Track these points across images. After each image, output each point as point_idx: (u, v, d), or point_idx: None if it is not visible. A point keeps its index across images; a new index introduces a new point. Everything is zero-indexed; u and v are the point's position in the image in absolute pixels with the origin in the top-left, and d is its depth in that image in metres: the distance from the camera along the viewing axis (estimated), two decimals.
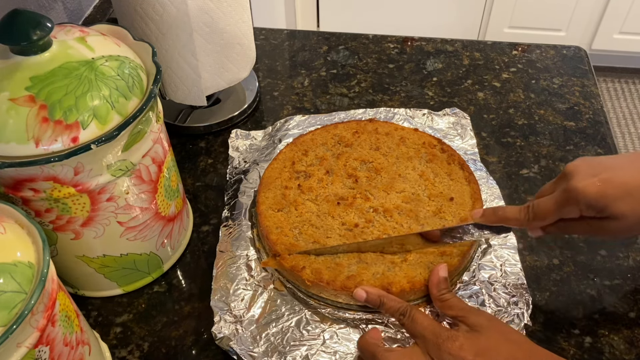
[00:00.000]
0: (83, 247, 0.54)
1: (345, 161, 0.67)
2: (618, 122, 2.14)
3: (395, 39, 0.93)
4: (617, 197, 0.45)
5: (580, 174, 0.47)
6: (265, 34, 0.94)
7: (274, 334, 0.54)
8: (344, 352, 0.53)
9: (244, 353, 0.53)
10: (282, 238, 0.59)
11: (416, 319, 0.49)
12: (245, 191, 0.67)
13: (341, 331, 0.54)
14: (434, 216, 0.61)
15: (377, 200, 0.62)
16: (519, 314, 0.55)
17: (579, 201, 0.47)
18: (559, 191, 0.49)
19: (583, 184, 0.46)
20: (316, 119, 0.76)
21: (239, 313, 0.55)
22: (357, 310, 0.56)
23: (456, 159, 0.67)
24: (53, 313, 0.40)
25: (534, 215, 0.51)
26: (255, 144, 0.74)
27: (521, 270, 0.58)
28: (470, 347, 0.46)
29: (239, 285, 0.58)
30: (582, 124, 0.77)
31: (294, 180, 0.65)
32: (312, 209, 0.62)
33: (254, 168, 0.70)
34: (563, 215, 0.49)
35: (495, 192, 0.66)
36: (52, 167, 0.45)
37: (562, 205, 0.48)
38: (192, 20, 0.66)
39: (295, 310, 0.56)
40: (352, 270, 0.56)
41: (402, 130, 0.70)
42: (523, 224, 0.53)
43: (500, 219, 0.54)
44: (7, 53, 0.46)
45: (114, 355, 0.56)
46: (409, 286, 0.55)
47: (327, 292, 0.56)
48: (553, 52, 0.89)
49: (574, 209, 0.48)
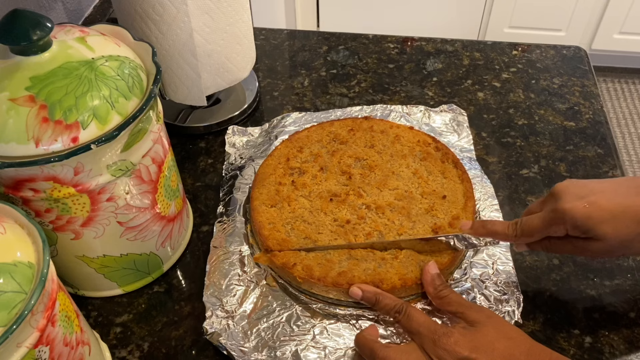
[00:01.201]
0: (83, 247, 0.54)
1: (339, 158, 0.67)
2: (618, 122, 2.14)
3: (395, 39, 0.93)
4: (602, 219, 0.47)
5: (568, 196, 0.49)
6: (265, 34, 0.94)
7: (265, 329, 0.54)
8: (333, 347, 0.53)
9: (235, 348, 0.53)
10: (274, 233, 0.59)
11: (412, 316, 0.50)
12: (240, 187, 0.68)
13: (331, 327, 0.55)
14: (426, 214, 0.61)
15: (370, 197, 0.63)
16: (510, 311, 0.55)
17: (566, 221, 0.49)
18: (546, 210, 0.51)
19: (570, 205, 0.48)
20: (313, 117, 0.76)
21: (231, 308, 0.56)
22: (347, 306, 0.56)
23: (450, 157, 0.67)
24: (53, 313, 0.40)
25: (521, 231, 0.52)
26: (251, 140, 0.75)
27: (513, 268, 0.59)
28: (466, 343, 0.46)
29: (232, 281, 0.58)
30: (582, 124, 0.77)
31: (288, 177, 0.65)
32: (305, 205, 0.62)
33: (249, 164, 0.70)
34: (549, 234, 0.51)
35: (489, 190, 0.66)
36: (52, 167, 0.45)
37: (549, 224, 0.50)
38: (192, 20, 0.66)
39: (286, 305, 0.56)
40: (343, 266, 0.57)
41: (398, 128, 0.71)
42: (510, 239, 0.54)
43: (488, 232, 0.55)
44: (7, 53, 0.46)
45: (114, 355, 0.56)
46: (400, 283, 0.55)
47: (318, 288, 0.56)
48: (553, 52, 0.89)
49: (560, 228, 0.50)
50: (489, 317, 0.49)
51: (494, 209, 0.65)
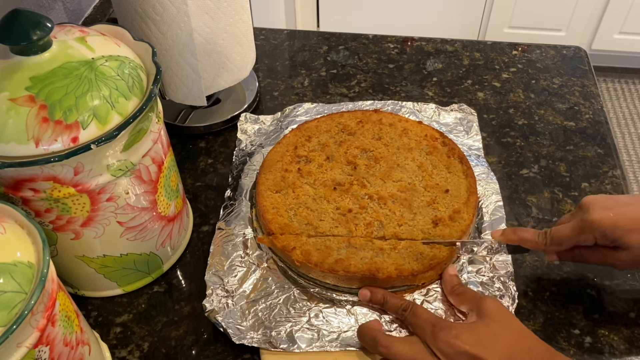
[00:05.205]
0: (83, 247, 0.54)
1: (346, 149, 0.68)
2: (618, 122, 2.14)
3: (395, 39, 0.93)
4: (630, 229, 0.50)
5: (597, 207, 0.52)
6: (265, 34, 0.94)
7: (262, 310, 0.56)
8: (327, 330, 0.54)
9: (232, 326, 0.54)
10: (277, 218, 0.61)
11: (417, 313, 0.52)
12: (248, 173, 0.69)
13: (327, 310, 0.56)
14: (428, 206, 0.62)
15: (373, 188, 0.64)
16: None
17: (594, 230, 0.51)
18: (576, 220, 0.53)
19: (599, 216, 0.51)
20: (324, 108, 0.78)
21: (231, 288, 0.57)
22: (343, 292, 0.58)
23: (456, 152, 0.67)
24: (53, 313, 0.40)
25: (551, 239, 0.54)
26: (263, 128, 0.76)
27: (510, 265, 0.59)
28: (467, 337, 0.47)
29: (234, 262, 0.60)
30: (582, 124, 0.77)
31: (295, 164, 0.66)
32: (309, 192, 0.63)
33: (259, 151, 0.72)
34: (578, 243, 0.53)
35: (494, 187, 0.67)
36: (52, 167, 0.45)
37: (579, 233, 0.53)
38: (192, 20, 0.66)
39: (284, 288, 0.58)
40: (341, 253, 0.58)
41: (406, 122, 0.71)
42: (540, 247, 0.55)
43: (519, 239, 0.57)
44: (7, 53, 0.46)
45: (114, 355, 0.56)
46: (396, 273, 0.56)
47: (315, 273, 0.57)
48: (553, 52, 0.89)
49: (589, 238, 0.52)
50: (499, 311, 0.50)
51: (497, 205, 0.65)
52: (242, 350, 0.55)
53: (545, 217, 0.66)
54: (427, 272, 0.57)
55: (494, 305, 0.50)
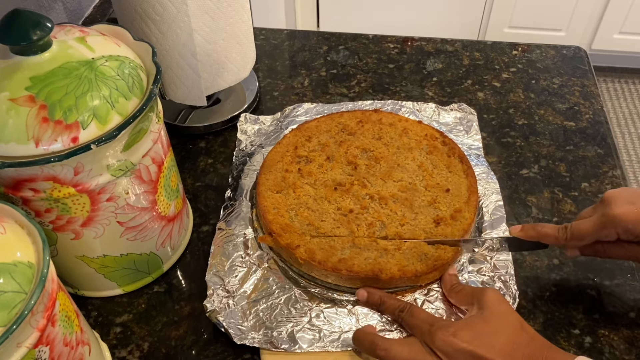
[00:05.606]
0: (83, 247, 0.54)
1: (346, 149, 0.68)
2: (618, 122, 2.14)
3: (395, 39, 0.93)
4: None
5: (619, 201, 0.51)
6: (265, 34, 0.94)
7: (263, 310, 0.56)
8: (328, 331, 0.54)
9: (232, 326, 0.54)
10: (278, 218, 0.61)
11: (414, 314, 0.52)
12: (248, 173, 0.69)
13: (328, 311, 0.56)
14: (429, 206, 0.62)
15: (374, 188, 0.64)
16: None
17: (617, 225, 0.50)
18: (597, 215, 0.52)
19: (621, 210, 0.50)
20: (324, 108, 0.78)
21: (232, 288, 0.57)
22: (345, 292, 0.58)
23: (456, 152, 0.67)
24: (53, 313, 0.40)
25: (571, 234, 0.54)
26: (263, 128, 0.76)
27: (511, 264, 0.59)
28: (465, 334, 0.47)
29: (235, 262, 0.60)
30: (582, 124, 0.77)
31: (295, 165, 0.66)
32: (310, 193, 0.63)
33: (259, 151, 0.72)
34: (600, 238, 0.52)
35: (495, 187, 0.67)
36: (52, 167, 0.45)
37: (600, 228, 0.52)
38: (192, 20, 0.66)
39: (285, 288, 0.58)
40: (345, 253, 0.58)
41: (406, 122, 0.71)
42: (560, 242, 0.55)
43: (539, 234, 0.56)
44: (7, 53, 0.46)
45: (114, 355, 0.56)
46: (400, 274, 0.56)
47: (317, 271, 0.57)
48: (553, 52, 0.89)
49: (611, 232, 0.51)
50: (499, 302, 0.50)
51: (497, 205, 0.65)
52: (242, 350, 0.55)
53: (545, 217, 0.66)
54: (430, 273, 0.57)
55: (494, 296, 0.50)
